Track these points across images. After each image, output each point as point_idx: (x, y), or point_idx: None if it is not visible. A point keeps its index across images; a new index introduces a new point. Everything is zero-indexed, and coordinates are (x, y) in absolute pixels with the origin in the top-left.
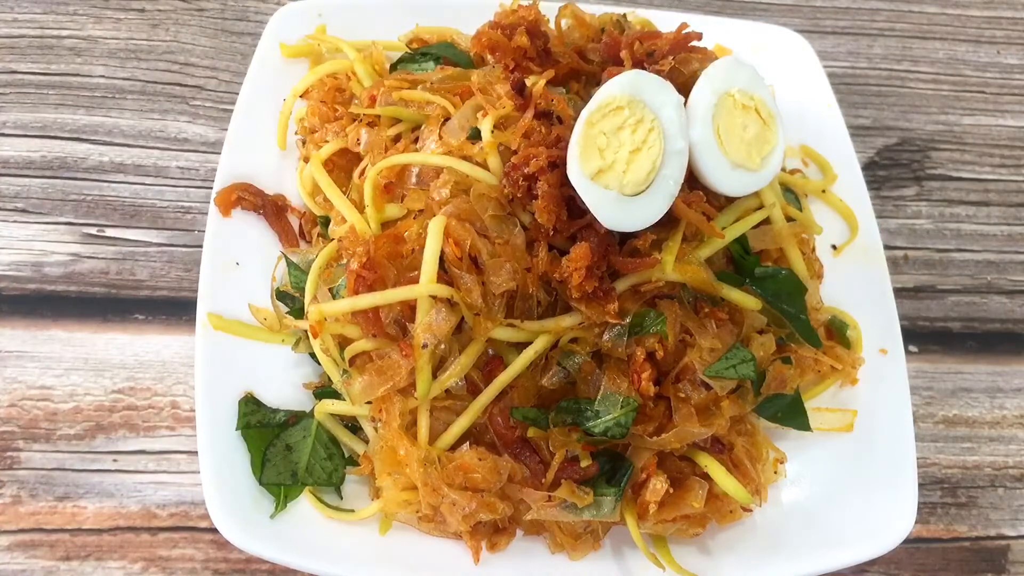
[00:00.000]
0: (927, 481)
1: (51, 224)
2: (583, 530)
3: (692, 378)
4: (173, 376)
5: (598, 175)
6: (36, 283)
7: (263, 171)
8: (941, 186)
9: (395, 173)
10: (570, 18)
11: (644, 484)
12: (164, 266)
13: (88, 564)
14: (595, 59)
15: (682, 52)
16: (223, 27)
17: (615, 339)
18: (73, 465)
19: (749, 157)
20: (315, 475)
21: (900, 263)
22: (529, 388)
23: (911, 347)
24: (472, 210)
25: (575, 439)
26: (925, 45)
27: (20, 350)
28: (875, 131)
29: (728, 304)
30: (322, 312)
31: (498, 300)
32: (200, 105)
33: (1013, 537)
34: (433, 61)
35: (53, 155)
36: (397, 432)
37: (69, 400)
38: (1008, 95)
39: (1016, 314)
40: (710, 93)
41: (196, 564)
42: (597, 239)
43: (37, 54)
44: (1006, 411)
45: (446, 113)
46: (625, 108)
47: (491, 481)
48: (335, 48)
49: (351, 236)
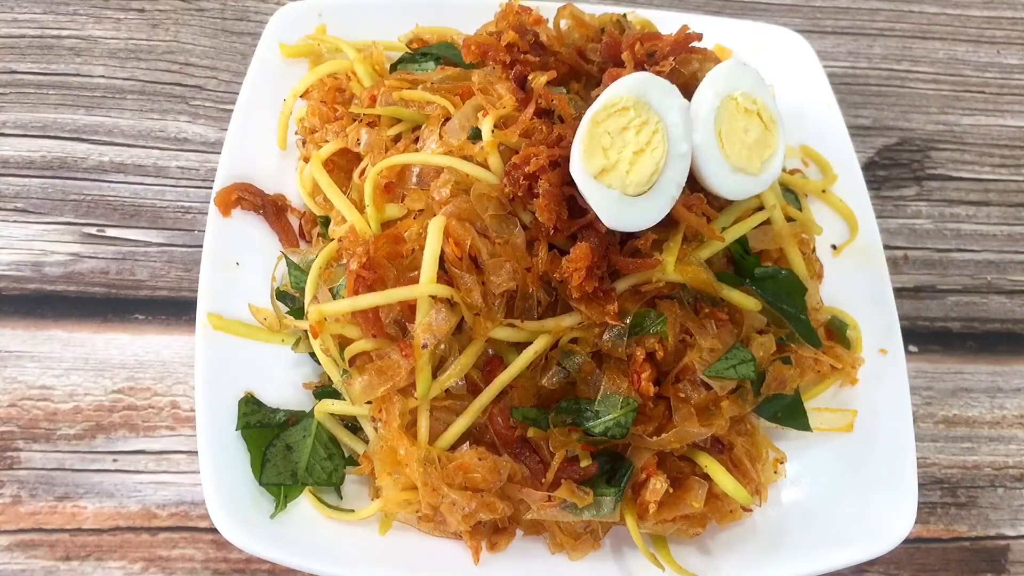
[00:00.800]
0: (927, 481)
1: (51, 224)
2: (583, 530)
3: (692, 378)
4: (173, 376)
5: (601, 174)
6: (36, 283)
7: (263, 171)
8: (941, 186)
9: (395, 173)
10: (569, 19)
11: (644, 484)
12: (164, 266)
13: (88, 564)
14: (595, 59)
15: (683, 53)
16: (223, 27)
17: (615, 339)
18: (73, 465)
19: (750, 161)
20: (315, 475)
21: (900, 263)
22: (529, 388)
23: (911, 347)
24: (472, 210)
25: (575, 439)
26: (925, 45)
27: (20, 350)
28: (875, 131)
29: (728, 304)
30: (322, 312)
31: (498, 300)
32: (200, 105)
33: (1013, 537)
34: (433, 61)
35: (53, 155)
36: (397, 432)
37: (69, 400)
38: (1008, 95)
39: (1016, 314)
40: (713, 96)
41: (196, 564)
42: (597, 239)
43: (37, 54)
44: (1006, 411)
45: (446, 113)
46: (631, 109)
47: (491, 481)
48: (335, 48)
49: (351, 236)
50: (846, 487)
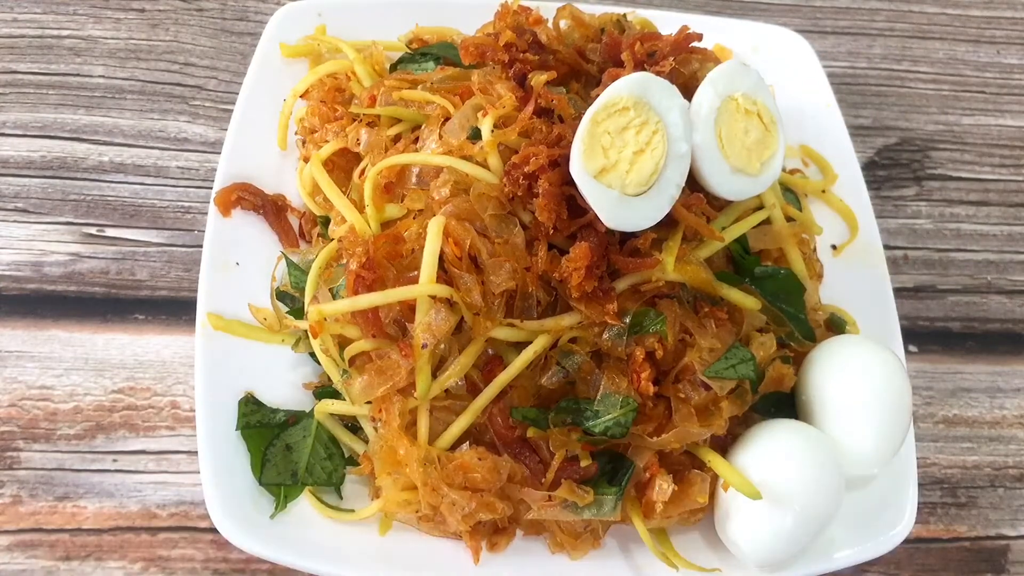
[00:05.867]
0: (927, 481)
1: (51, 224)
2: (583, 529)
3: (692, 378)
4: (173, 376)
5: (601, 174)
6: (36, 283)
7: (263, 171)
8: (941, 186)
9: (395, 173)
10: (568, 19)
11: (649, 484)
12: (164, 266)
13: (88, 564)
14: (595, 59)
15: (683, 53)
16: (223, 27)
17: (614, 339)
18: (73, 465)
19: (749, 162)
20: (315, 475)
21: (900, 263)
22: (529, 388)
23: (911, 347)
24: (472, 210)
25: (575, 439)
26: (925, 45)
27: (20, 350)
28: (875, 131)
29: (728, 303)
30: (322, 312)
31: (498, 300)
32: (200, 105)
33: (1013, 537)
34: (433, 61)
35: (53, 155)
36: (397, 432)
37: (69, 400)
38: (1008, 95)
39: (1016, 314)
40: (714, 96)
41: (196, 564)
42: (597, 238)
43: (37, 54)
44: (1006, 411)
45: (446, 113)
46: (631, 109)
47: (491, 481)
48: (335, 48)
49: (351, 236)
50: (846, 487)
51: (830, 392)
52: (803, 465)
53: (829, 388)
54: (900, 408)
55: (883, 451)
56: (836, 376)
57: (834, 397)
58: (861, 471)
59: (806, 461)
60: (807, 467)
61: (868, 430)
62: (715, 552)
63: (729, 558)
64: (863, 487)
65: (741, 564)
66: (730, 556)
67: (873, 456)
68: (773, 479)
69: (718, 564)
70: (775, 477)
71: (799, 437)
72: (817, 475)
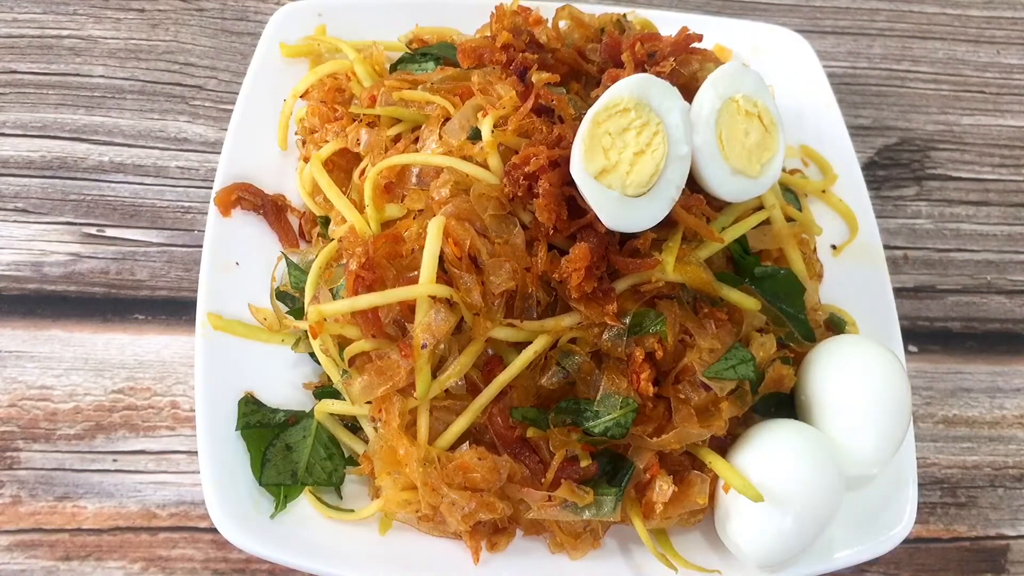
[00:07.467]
0: (927, 481)
1: (51, 224)
2: (583, 529)
3: (692, 379)
4: (173, 376)
5: (601, 174)
6: (36, 283)
7: (263, 171)
8: (941, 186)
9: (395, 173)
10: (568, 19)
11: (649, 484)
12: (164, 266)
13: (88, 564)
14: (595, 60)
15: (683, 54)
16: (223, 27)
17: (614, 339)
18: (73, 465)
19: (749, 164)
20: (315, 475)
21: (900, 263)
22: (529, 388)
23: (911, 347)
24: (472, 210)
25: (575, 439)
26: (925, 45)
27: (20, 350)
28: (875, 131)
29: (727, 304)
30: (321, 312)
31: (497, 300)
32: (200, 105)
33: (1013, 537)
34: (433, 61)
35: (53, 155)
36: (397, 432)
37: (69, 400)
38: (1008, 95)
39: (1016, 314)
40: (714, 98)
41: (196, 564)
42: (597, 239)
43: (37, 54)
44: (1006, 411)
45: (446, 113)
46: (632, 110)
47: (491, 481)
48: (335, 48)
49: (351, 236)
50: (846, 487)
51: (830, 392)
52: (803, 466)
53: (829, 388)
54: (900, 408)
55: (883, 451)
56: (836, 376)
57: (834, 397)
58: (861, 471)
59: (806, 461)
60: (807, 468)
61: (868, 430)
62: (715, 552)
63: (729, 558)
64: (863, 487)
65: (741, 565)
66: (730, 556)
67: (873, 456)
68: (773, 480)
69: (718, 565)
70: (775, 478)
71: (799, 437)
72: (817, 475)
